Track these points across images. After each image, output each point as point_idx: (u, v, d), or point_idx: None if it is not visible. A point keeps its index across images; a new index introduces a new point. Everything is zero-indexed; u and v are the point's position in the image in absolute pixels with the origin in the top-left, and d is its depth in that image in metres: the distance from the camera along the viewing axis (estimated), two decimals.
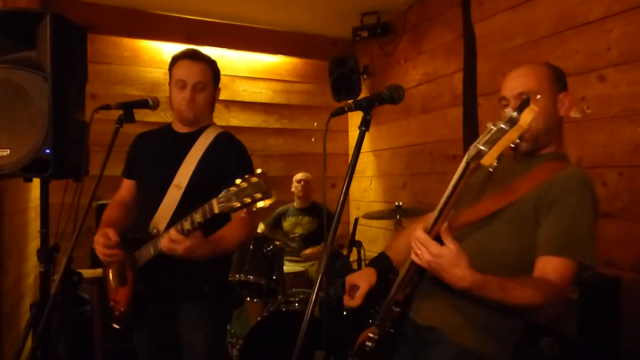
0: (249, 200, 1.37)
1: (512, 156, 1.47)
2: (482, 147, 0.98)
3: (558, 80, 1.44)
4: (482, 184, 1.47)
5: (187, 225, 1.55)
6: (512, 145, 0.97)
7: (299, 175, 4.18)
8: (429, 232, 1.15)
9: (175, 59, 1.92)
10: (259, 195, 1.36)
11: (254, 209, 1.40)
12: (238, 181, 1.40)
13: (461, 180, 1.07)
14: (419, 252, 1.15)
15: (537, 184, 1.33)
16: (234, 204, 1.39)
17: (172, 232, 1.57)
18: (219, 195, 1.44)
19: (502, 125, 0.96)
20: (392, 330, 1.41)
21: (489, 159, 0.97)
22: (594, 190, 1.34)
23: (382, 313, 1.51)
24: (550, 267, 1.23)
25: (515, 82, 1.42)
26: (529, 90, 1.38)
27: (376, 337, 1.45)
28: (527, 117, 0.95)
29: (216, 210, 1.45)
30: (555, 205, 1.29)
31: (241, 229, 1.80)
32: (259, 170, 1.41)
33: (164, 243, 1.59)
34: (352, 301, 1.50)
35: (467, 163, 1.03)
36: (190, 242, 1.56)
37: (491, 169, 0.99)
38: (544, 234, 1.29)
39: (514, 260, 1.34)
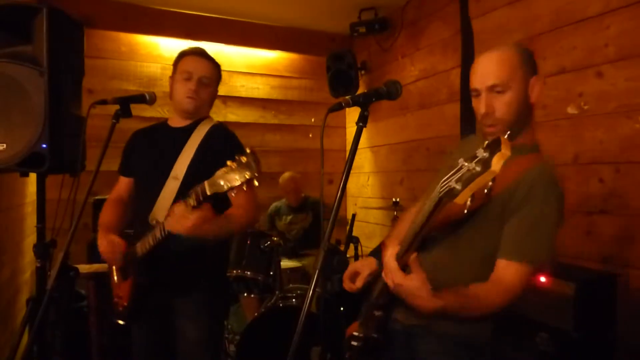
0: (238, 180, 1.40)
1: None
2: (455, 186, 0.96)
3: (528, 63, 1.38)
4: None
5: (191, 202, 1.54)
6: (486, 190, 0.95)
7: (284, 175, 4.18)
8: (401, 256, 1.16)
9: (183, 54, 1.95)
10: (248, 175, 1.39)
11: (244, 188, 1.42)
12: (229, 162, 1.42)
13: (433, 214, 1.05)
14: (387, 276, 1.20)
15: (506, 184, 1.31)
16: (226, 184, 1.42)
17: (177, 208, 1.57)
18: (211, 177, 1.46)
19: (475, 167, 0.93)
20: (375, 336, 1.42)
21: (463, 198, 0.95)
22: (560, 189, 1.32)
23: (364, 314, 1.52)
24: (508, 271, 1.28)
25: (487, 71, 1.38)
26: (501, 82, 1.33)
27: (361, 336, 1.46)
28: (497, 163, 0.91)
29: (208, 192, 1.47)
30: (520, 209, 1.30)
31: (243, 212, 1.82)
32: (248, 150, 1.43)
33: (170, 221, 1.59)
34: (353, 285, 1.54)
35: (440, 199, 1.01)
36: (198, 213, 1.55)
37: (466, 210, 0.98)
38: (506, 236, 1.31)
39: (479, 263, 1.36)
